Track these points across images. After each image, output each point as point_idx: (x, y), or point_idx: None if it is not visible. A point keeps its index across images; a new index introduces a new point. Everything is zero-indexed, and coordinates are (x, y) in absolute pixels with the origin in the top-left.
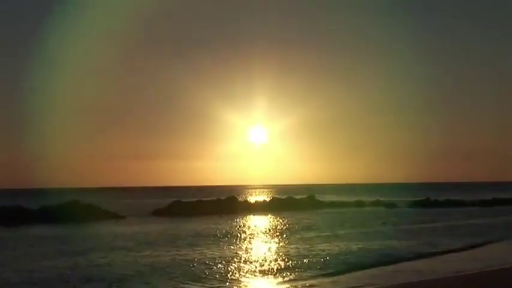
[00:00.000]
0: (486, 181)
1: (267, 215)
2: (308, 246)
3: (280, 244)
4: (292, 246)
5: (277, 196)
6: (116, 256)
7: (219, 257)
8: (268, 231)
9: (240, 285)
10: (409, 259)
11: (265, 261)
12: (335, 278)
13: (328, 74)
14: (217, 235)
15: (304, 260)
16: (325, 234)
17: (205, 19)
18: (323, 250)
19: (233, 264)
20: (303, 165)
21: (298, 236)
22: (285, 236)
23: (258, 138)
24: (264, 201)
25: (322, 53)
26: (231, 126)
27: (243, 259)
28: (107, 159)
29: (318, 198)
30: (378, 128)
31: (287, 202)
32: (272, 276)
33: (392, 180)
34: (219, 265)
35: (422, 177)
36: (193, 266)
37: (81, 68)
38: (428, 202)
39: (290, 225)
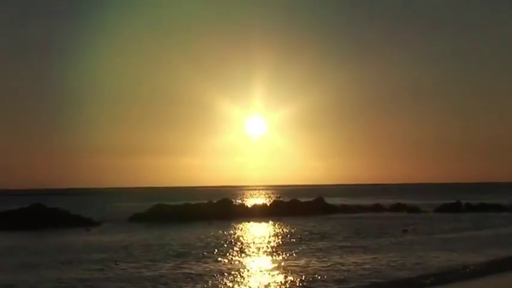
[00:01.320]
0: None
1: (268, 221)
2: (323, 259)
3: (287, 256)
4: (302, 260)
5: (279, 199)
6: (72, 270)
7: (206, 273)
8: (269, 241)
9: None
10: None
11: (270, 277)
12: None
13: (333, 59)
14: (202, 246)
15: (319, 276)
16: (341, 244)
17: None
18: (342, 264)
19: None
20: (307, 163)
21: (307, 247)
22: (291, 247)
23: (256, 129)
24: (264, 205)
25: (326, 37)
26: (225, 116)
27: (238, 276)
28: (78, 155)
29: (328, 202)
30: (392, 120)
31: (291, 206)
32: None
33: (414, 181)
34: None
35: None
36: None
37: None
38: (459, 206)
39: (297, 234)
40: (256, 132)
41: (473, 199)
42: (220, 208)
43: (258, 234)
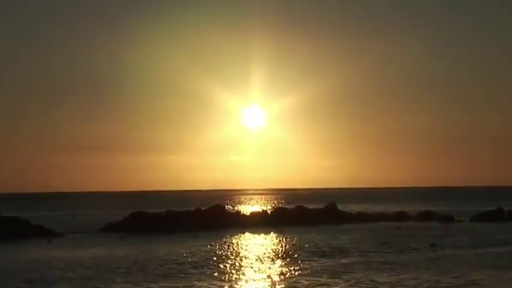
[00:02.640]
0: None
1: (268, 232)
2: (338, 278)
3: (295, 276)
4: (314, 282)
5: (282, 205)
6: None
7: None
8: (270, 257)
9: None
10: None
11: None
12: None
13: (340, 44)
14: (179, 264)
15: None
16: (359, 261)
17: None
18: (374, 283)
19: None
20: (315, 161)
21: (319, 265)
22: (299, 265)
23: (255, 121)
24: (264, 212)
25: (331, 21)
26: (219, 106)
27: None
28: (41, 154)
29: (341, 209)
30: (408, 111)
31: (297, 214)
32: None
33: (444, 183)
34: None
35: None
36: None
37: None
38: (501, 214)
39: (304, 248)
40: (255, 124)
41: None
42: (210, 216)
43: (255, 248)
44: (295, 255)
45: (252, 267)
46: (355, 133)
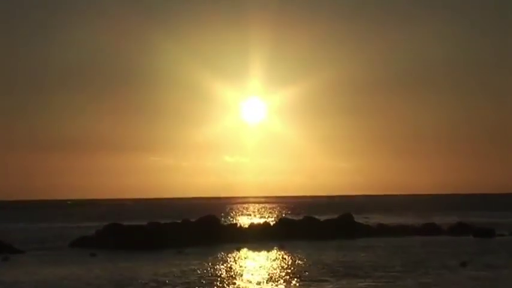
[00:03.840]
0: None
1: (271, 248)
2: None
3: None
4: None
5: (288, 216)
6: None
7: None
8: (274, 278)
9: None
10: None
11: None
12: None
13: (348, 29)
14: None
15: None
16: (380, 283)
17: None
18: None
19: None
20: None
21: (337, 286)
22: (312, 285)
23: (254, 115)
24: (266, 224)
25: (338, 8)
26: (214, 99)
27: None
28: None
29: (358, 220)
30: (440, 103)
31: (305, 226)
32: None
33: (479, 190)
34: None
35: None
36: None
37: None
38: None
39: (315, 268)
40: (254, 119)
41: None
42: (200, 229)
43: (254, 268)
44: (303, 277)
45: None
46: (373, 129)
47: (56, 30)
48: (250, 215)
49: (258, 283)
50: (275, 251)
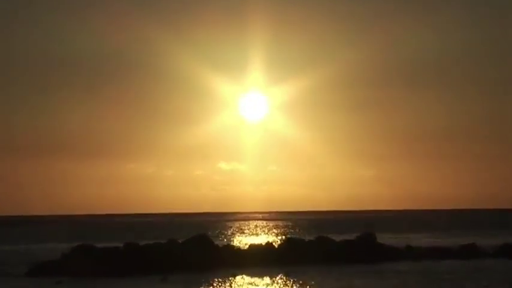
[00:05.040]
0: None
1: (276, 274)
2: None
3: None
4: None
5: (296, 235)
6: None
7: None
8: None
9: None
10: None
11: None
12: None
13: (358, 16)
14: None
15: None
16: None
17: None
18: None
19: None
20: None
21: None
22: None
23: (253, 111)
24: (269, 246)
25: None
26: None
27: None
28: None
29: (382, 241)
30: (470, 96)
31: (318, 248)
32: None
33: None
34: None
35: None
36: None
37: None
38: None
39: None
40: (254, 116)
41: None
42: (189, 252)
43: None
44: None
45: None
46: (399, 128)
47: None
48: (249, 234)
49: None
50: (279, 278)
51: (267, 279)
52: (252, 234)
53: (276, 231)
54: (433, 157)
